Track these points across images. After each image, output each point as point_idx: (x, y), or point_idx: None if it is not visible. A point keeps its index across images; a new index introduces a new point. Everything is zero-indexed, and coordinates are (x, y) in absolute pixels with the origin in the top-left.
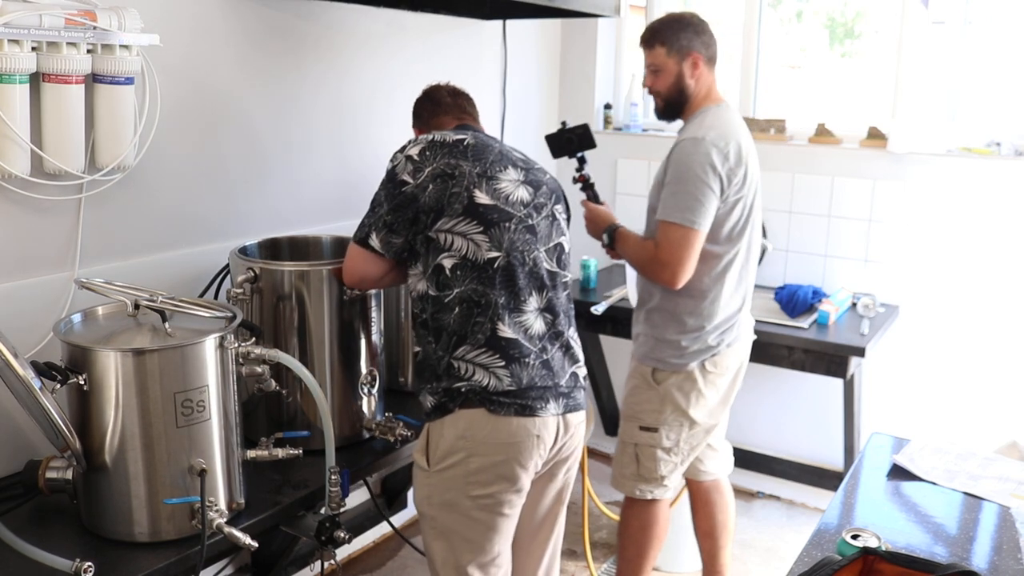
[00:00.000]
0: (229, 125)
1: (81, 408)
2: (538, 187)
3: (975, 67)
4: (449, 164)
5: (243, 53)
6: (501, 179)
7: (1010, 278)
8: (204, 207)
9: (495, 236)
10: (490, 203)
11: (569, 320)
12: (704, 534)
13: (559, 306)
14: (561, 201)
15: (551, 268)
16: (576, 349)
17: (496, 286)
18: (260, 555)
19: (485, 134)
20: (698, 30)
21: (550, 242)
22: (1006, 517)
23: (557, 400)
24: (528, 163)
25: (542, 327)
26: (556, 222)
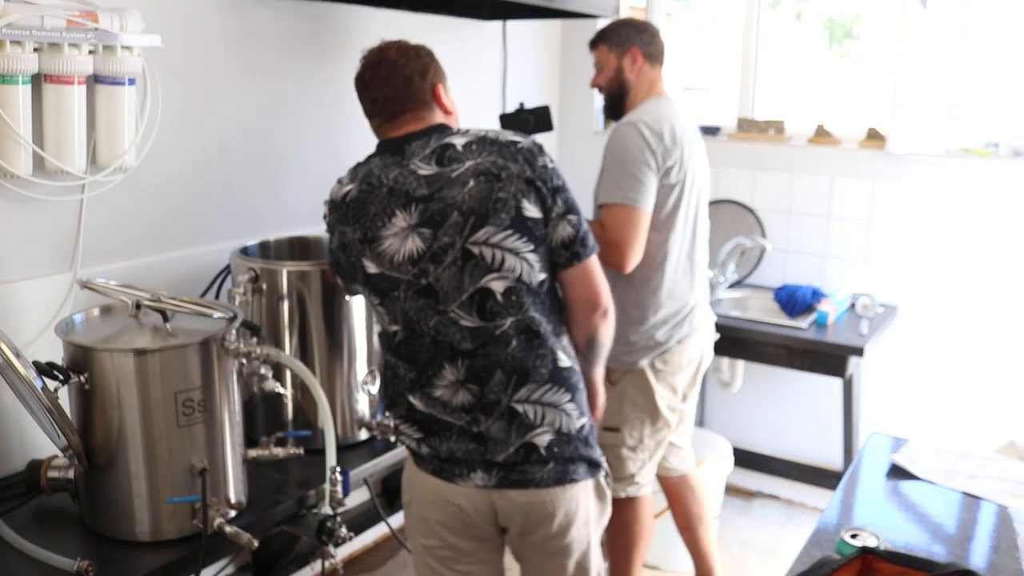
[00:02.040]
0: (230, 126)
1: (83, 408)
2: (442, 220)
3: (974, 68)
4: (340, 232)
5: (244, 54)
6: (384, 237)
7: (1008, 278)
8: (205, 207)
9: (389, 307)
10: (377, 271)
11: (519, 379)
12: (683, 528)
13: (492, 370)
14: (499, 208)
15: (471, 324)
16: (532, 415)
17: (403, 359)
18: (261, 554)
19: (392, 150)
20: (639, 29)
21: (462, 294)
22: (1004, 516)
23: (488, 472)
24: (438, 178)
25: (466, 399)
26: (474, 261)
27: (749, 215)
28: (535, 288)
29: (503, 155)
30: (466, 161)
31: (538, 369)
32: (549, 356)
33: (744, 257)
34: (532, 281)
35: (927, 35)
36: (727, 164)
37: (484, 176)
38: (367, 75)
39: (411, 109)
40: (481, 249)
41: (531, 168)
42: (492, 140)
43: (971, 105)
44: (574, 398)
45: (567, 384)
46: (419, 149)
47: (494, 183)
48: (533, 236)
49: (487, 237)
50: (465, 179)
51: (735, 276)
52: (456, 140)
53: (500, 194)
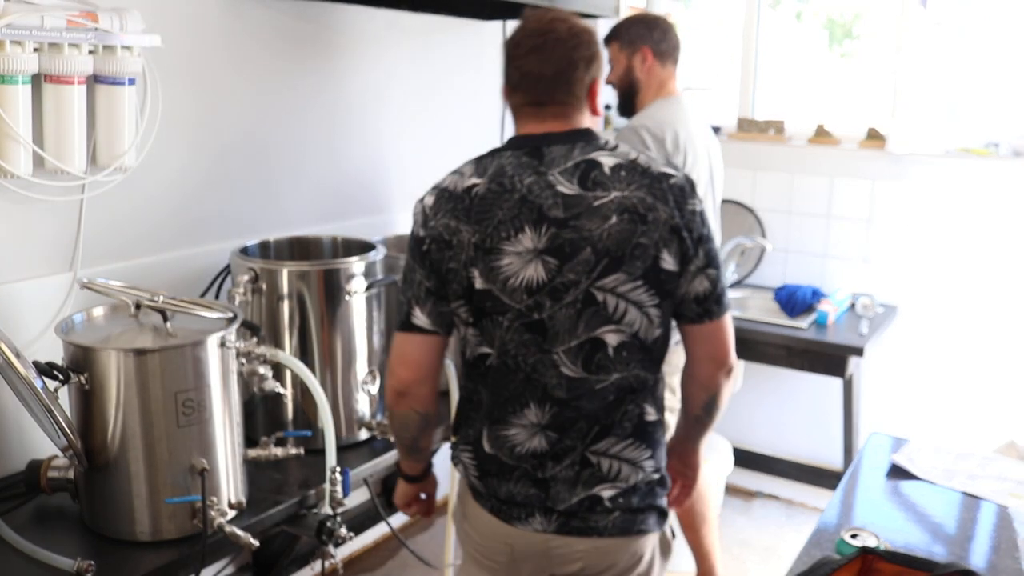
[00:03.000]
0: (230, 126)
1: (83, 408)
2: (572, 253)
3: (974, 68)
4: (448, 227)
5: (244, 54)
6: (505, 251)
7: (1008, 278)
8: (205, 207)
9: (487, 330)
10: (484, 287)
11: (600, 431)
12: (686, 527)
13: (577, 420)
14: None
15: (572, 373)
16: (605, 468)
17: (487, 388)
18: (261, 554)
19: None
20: (651, 26)
21: (572, 340)
22: (1004, 516)
23: (548, 517)
24: (578, 203)
25: (538, 447)
26: (594, 308)
27: (749, 215)
28: (648, 344)
29: (653, 191)
30: (611, 191)
31: (622, 423)
32: (637, 410)
33: (744, 257)
34: (648, 337)
35: (927, 35)
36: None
37: (629, 214)
38: (527, 42)
39: (561, 102)
40: (606, 296)
41: (680, 213)
42: (643, 170)
43: (971, 105)
44: (654, 454)
45: (650, 440)
46: (560, 158)
47: (638, 225)
48: (662, 290)
49: (615, 284)
50: (608, 213)
51: (735, 276)
52: (604, 159)
53: (642, 239)
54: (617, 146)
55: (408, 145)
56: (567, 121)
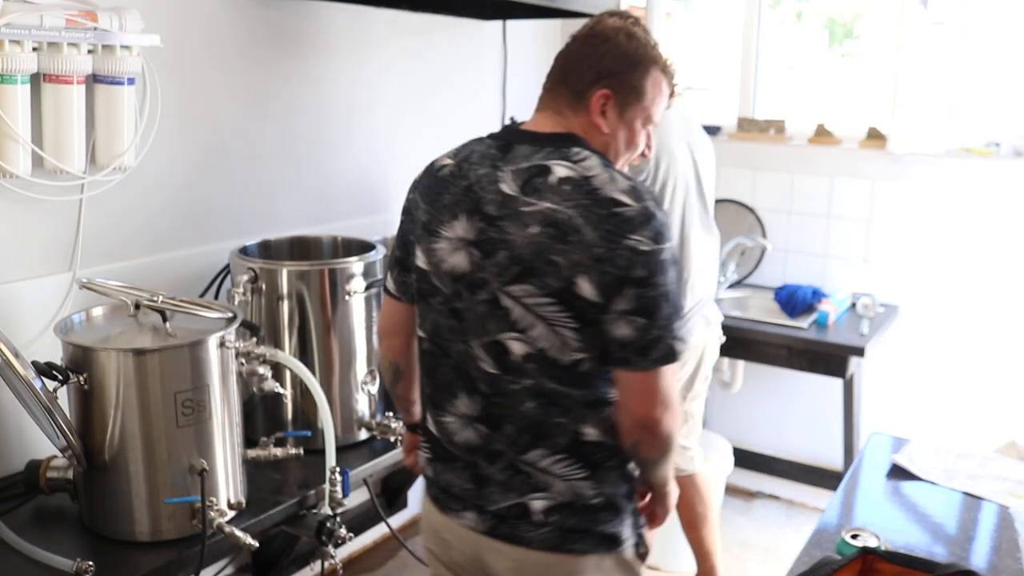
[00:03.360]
0: (229, 125)
1: (82, 408)
2: (491, 252)
3: (974, 68)
4: (413, 202)
5: (244, 53)
6: (442, 235)
7: (1009, 278)
8: (204, 207)
9: (423, 312)
10: (423, 268)
11: (531, 440)
12: (687, 526)
13: (504, 420)
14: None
15: (489, 369)
16: (537, 479)
17: (425, 371)
18: (260, 555)
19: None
20: None
21: (483, 337)
22: (1005, 516)
23: (480, 515)
24: (511, 204)
25: (471, 439)
26: (501, 312)
27: (749, 215)
28: (563, 364)
29: (587, 214)
30: (544, 201)
31: (554, 437)
32: (571, 427)
33: (744, 257)
34: (560, 358)
35: (927, 35)
36: (727, 164)
37: (552, 229)
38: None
39: (560, 98)
40: (512, 304)
41: (610, 244)
42: (592, 189)
43: (972, 105)
44: (594, 476)
45: (588, 461)
46: (522, 157)
47: (555, 242)
48: (583, 316)
49: (523, 295)
50: (530, 221)
51: (735, 276)
52: (558, 168)
53: (556, 257)
54: (587, 159)
55: (408, 145)
56: (556, 123)
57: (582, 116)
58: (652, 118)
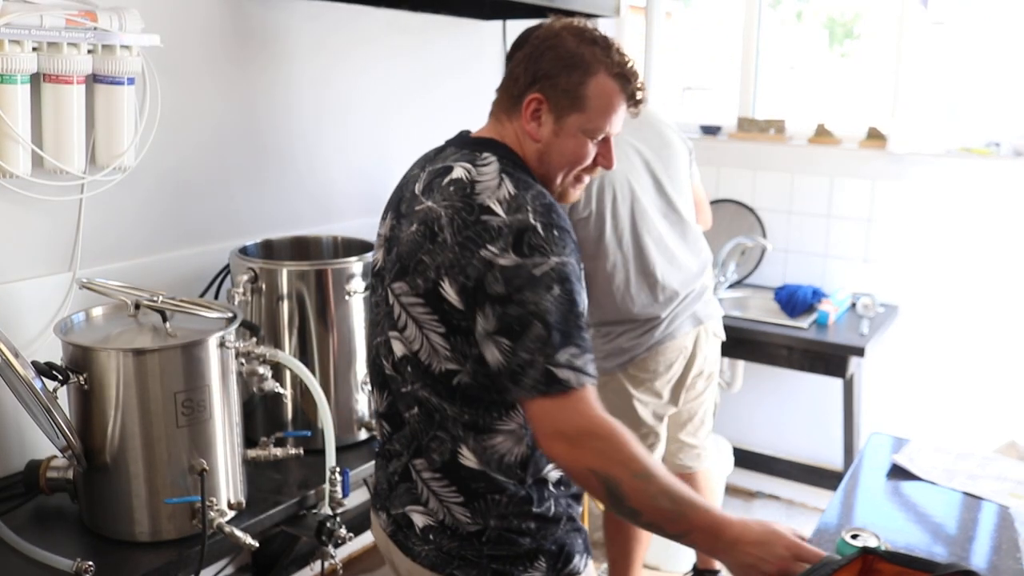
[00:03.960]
0: (229, 125)
1: (82, 408)
2: (389, 248)
3: (974, 67)
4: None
5: (244, 53)
6: (379, 232)
7: (1009, 278)
8: (204, 207)
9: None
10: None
11: (417, 449)
12: None
13: (402, 422)
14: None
15: (387, 368)
16: (419, 490)
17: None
18: (260, 555)
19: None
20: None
21: (379, 334)
22: (1005, 516)
23: (387, 516)
24: (410, 203)
25: (380, 433)
26: (387, 309)
27: (749, 215)
28: (435, 374)
29: (452, 215)
30: (428, 200)
31: (430, 453)
32: (448, 446)
33: (744, 257)
34: (433, 366)
35: (928, 34)
36: (727, 164)
37: (425, 227)
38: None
39: (498, 102)
40: (394, 301)
41: (463, 252)
42: (466, 193)
43: (972, 104)
44: (469, 503)
45: (463, 485)
46: (440, 158)
47: (426, 241)
48: (449, 322)
49: (401, 292)
50: (413, 220)
51: (735, 276)
52: (457, 171)
53: (424, 257)
54: (488, 164)
55: (408, 145)
56: (497, 123)
57: (516, 122)
58: (602, 128)
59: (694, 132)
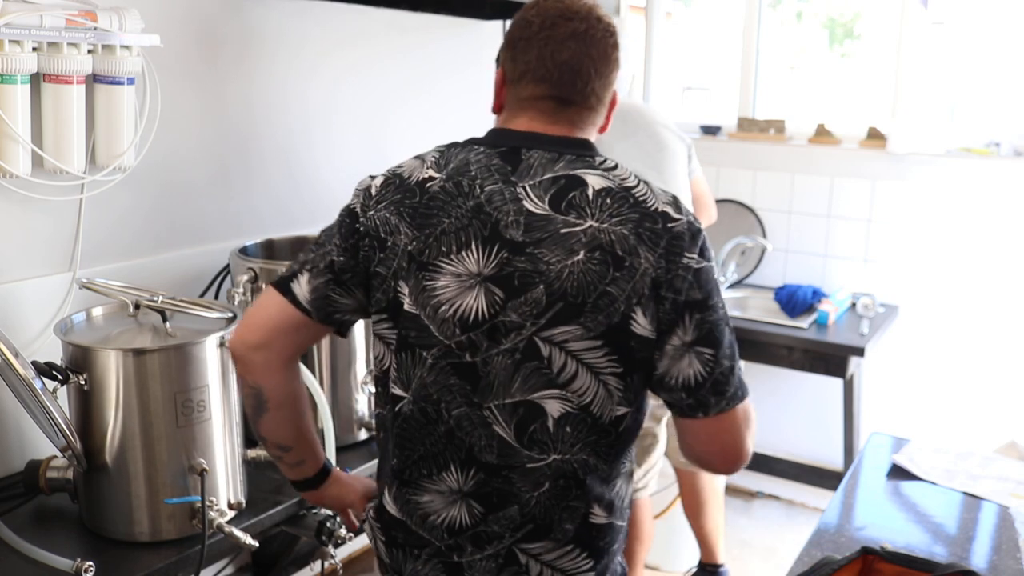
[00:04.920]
0: (229, 125)
1: (82, 408)
2: (522, 288)
3: (974, 67)
4: (387, 224)
5: (244, 53)
6: (443, 269)
7: (1010, 278)
8: (204, 207)
9: (405, 365)
10: (412, 310)
11: (535, 530)
12: (689, 515)
13: (509, 501)
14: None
15: (505, 436)
16: (536, 572)
17: (396, 439)
18: (260, 555)
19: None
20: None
21: (507, 396)
22: (1005, 517)
23: None
24: (544, 225)
25: (460, 518)
26: (536, 363)
27: (749, 215)
28: (605, 425)
29: (640, 231)
30: (587, 219)
31: (562, 524)
32: (582, 510)
33: (744, 257)
34: (603, 415)
35: (928, 34)
36: (727, 164)
37: (602, 253)
38: (564, 24)
39: (590, 107)
40: (552, 350)
41: (667, 265)
42: (637, 201)
43: (972, 104)
44: (596, 565)
45: (593, 547)
46: (539, 167)
47: (610, 269)
48: (630, 358)
49: (567, 339)
50: (575, 246)
51: (735, 276)
52: (592, 178)
53: (611, 288)
54: (617, 166)
55: (408, 144)
56: (580, 129)
57: (598, 123)
58: None
59: (694, 132)
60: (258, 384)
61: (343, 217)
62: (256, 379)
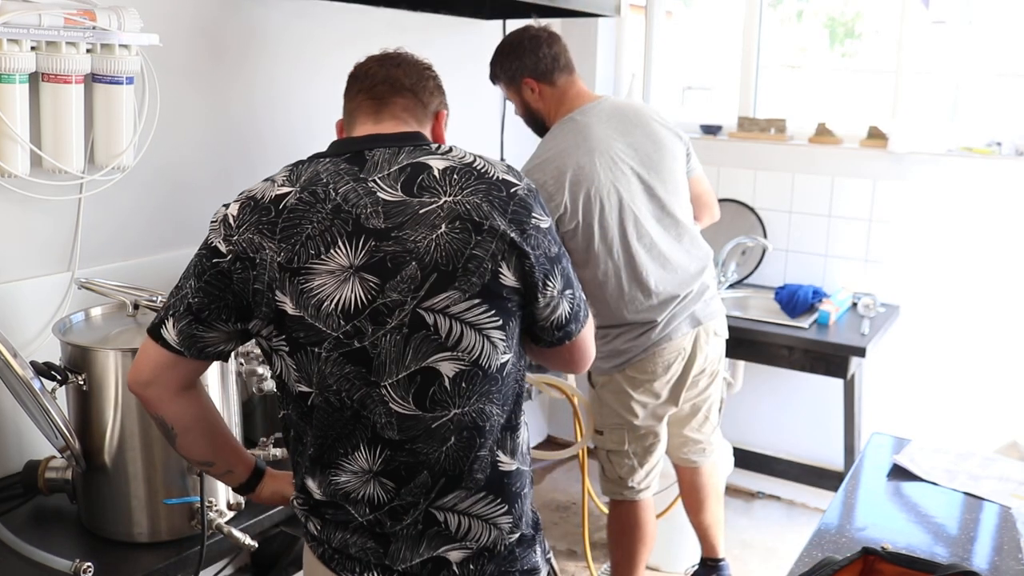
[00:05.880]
0: (229, 125)
1: (80, 408)
2: (395, 269)
3: (975, 67)
4: (252, 243)
5: (243, 52)
6: (316, 271)
7: (1010, 278)
8: (204, 207)
9: (302, 363)
10: (296, 314)
11: (447, 484)
12: (689, 511)
13: (417, 469)
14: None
15: (403, 410)
16: (452, 526)
17: (311, 426)
18: (260, 555)
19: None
20: (520, 53)
21: (400, 371)
22: (1006, 517)
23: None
24: (402, 210)
25: (376, 495)
26: (424, 332)
27: (750, 214)
28: (493, 374)
29: (490, 198)
30: (442, 195)
31: (474, 474)
32: (489, 458)
33: (745, 257)
34: (491, 365)
35: (928, 33)
36: (728, 163)
37: (461, 222)
38: (378, 59)
39: (405, 106)
40: (436, 318)
41: (519, 229)
42: (480, 173)
43: (973, 104)
44: (512, 509)
45: (506, 492)
46: (384, 162)
47: (472, 235)
48: (505, 310)
49: (447, 304)
50: (436, 221)
51: (736, 276)
52: (434, 162)
53: (476, 251)
54: (451, 149)
55: None
56: (403, 123)
57: (426, 124)
58: None
59: (694, 132)
60: (159, 414)
61: (200, 257)
62: (155, 410)
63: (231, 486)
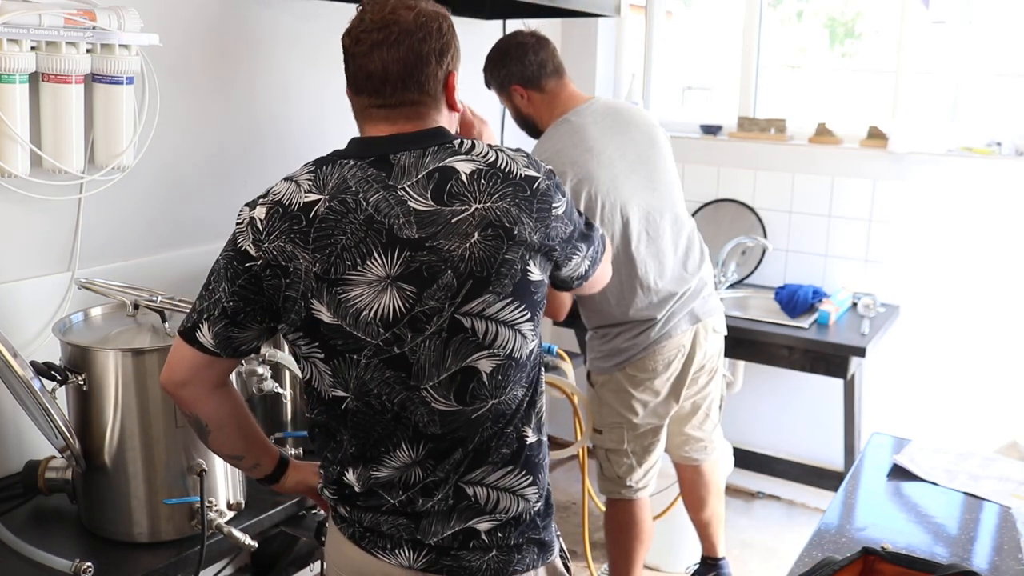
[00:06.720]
0: (228, 124)
1: (80, 408)
2: (431, 278)
3: (976, 67)
4: (284, 252)
5: (243, 53)
6: (353, 282)
7: (1011, 278)
8: (203, 206)
9: (340, 370)
10: (334, 323)
11: (475, 459)
12: (690, 509)
13: (453, 451)
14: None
15: (444, 407)
16: (481, 499)
17: (347, 427)
18: (260, 555)
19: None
20: (506, 59)
21: (441, 373)
22: (1007, 517)
23: (417, 551)
24: (434, 220)
25: (413, 476)
26: (462, 335)
27: (750, 214)
28: (523, 362)
29: (517, 201)
30: (472, 203)
31: (499, 449)
32: (514, 434)
33: (745, 257)
34: (522, 355)
35: (929, 33)
36: (728, 163)
37: (493, 229)
38: (368, 38)
39: (413, 102)
40: (473, 321)
41: (544, 228)
42: (505, 173)
43: (973, 104)
44: (536, 480)
45: (530, 464)
46: (411, 167)
47: (503, 241)
48: (532, 303)
49: (483, 308)
50: (468, 229)
51: (736, 276)
52: (460, 164)
53: (508, 255)
54: (474, 146)
55: None
56: (420, 121)
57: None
58: None
59: (694, 132)
60: (194, 413)
61: (229, 260)
62: (191, 409)
63: (256, 478)
